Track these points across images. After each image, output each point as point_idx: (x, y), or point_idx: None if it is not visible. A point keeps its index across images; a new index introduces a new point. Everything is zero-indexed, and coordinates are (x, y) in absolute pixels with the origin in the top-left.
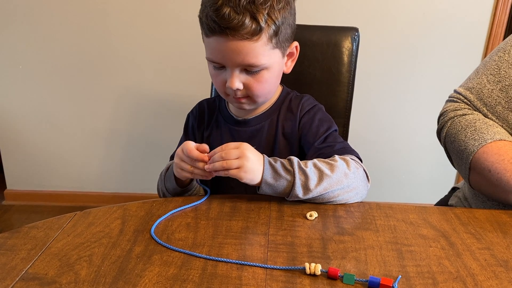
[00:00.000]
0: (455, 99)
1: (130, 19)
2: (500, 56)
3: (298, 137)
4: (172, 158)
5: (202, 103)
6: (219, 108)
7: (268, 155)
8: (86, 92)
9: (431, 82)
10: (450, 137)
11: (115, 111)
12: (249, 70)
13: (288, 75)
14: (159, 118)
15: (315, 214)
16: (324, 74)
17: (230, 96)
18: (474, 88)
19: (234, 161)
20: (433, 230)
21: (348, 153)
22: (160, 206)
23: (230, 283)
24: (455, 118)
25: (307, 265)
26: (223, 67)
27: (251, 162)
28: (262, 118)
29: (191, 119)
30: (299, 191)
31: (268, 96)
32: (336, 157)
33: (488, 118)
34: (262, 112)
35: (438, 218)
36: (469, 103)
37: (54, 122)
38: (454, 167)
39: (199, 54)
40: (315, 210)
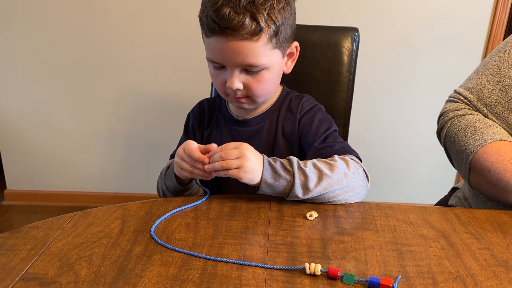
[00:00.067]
0: (455, 99)
1: (130, 19)
2: (500, 56)
3: (298, 137)
4: (172, 157)
5: (202, 102)
6: (220, 107)
7: (268, 155)
8: (86, 92)
9: (431, 82)
10: (450, 137)
11: (115, 111)
12: (249, 70)
13: (288, 75)
14: (159, 118)
15: (315, 214)
16: (324, 74)
17: (230, 96)
18: (474, 88)
19: (233, 161)
20: (433, 230)
21: (348, 153)
22: (160, 206)
23: (230, 283)
24: (455, 118)
25: (307, 265)
26: (223, 67)
27: (251, 162)
28: (262, 118)
29: (192, 119)
30: (298, 191)
31: (268, 96)
32: (336, 157)
33: (488, 118)
34: (262, 112)
35: (438, 218)
36: (469, 103)
37: (54, 122)
38: (454, 167)
39: (199, 54)
40: (315, 210)
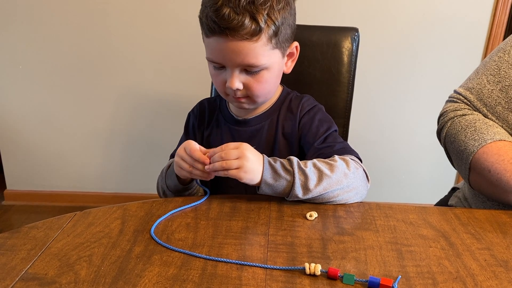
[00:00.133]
0: (455, 99)
1: (130, 19)
2: (500, 56)
3: (298, 137)
4: (172, 156)
5: (202, 102)
6: (220, 107)
7: (268, 155)
8: (86, 92)
9: (431, 82)
10: (450, 137)
11: (115, 111)
12: (249, 70)
13: (288, 75)
14: (159, 118)
15: (315, 214)
16: (324, 74)
17: (230, 96)
18: (474, 88)
19: (233, 161)
20: (433, 230)
21: (348, 153)
22: (160, 206)
23: (230, 283)
24: (455, 118)
25: (307, 265)
26: (223, 67)
27: (251, 162)
28: (262, 118)
29: (192, 118)
30: (298, 191)
31: (268, 96)
32: (336, 157)
33: (488, 118)
34: (262, 112)
35: (438, 218)
36: (469, 104)
37: (54, 122)
38: (454, 167)
39: (199, 54)
40: (315, 210)
